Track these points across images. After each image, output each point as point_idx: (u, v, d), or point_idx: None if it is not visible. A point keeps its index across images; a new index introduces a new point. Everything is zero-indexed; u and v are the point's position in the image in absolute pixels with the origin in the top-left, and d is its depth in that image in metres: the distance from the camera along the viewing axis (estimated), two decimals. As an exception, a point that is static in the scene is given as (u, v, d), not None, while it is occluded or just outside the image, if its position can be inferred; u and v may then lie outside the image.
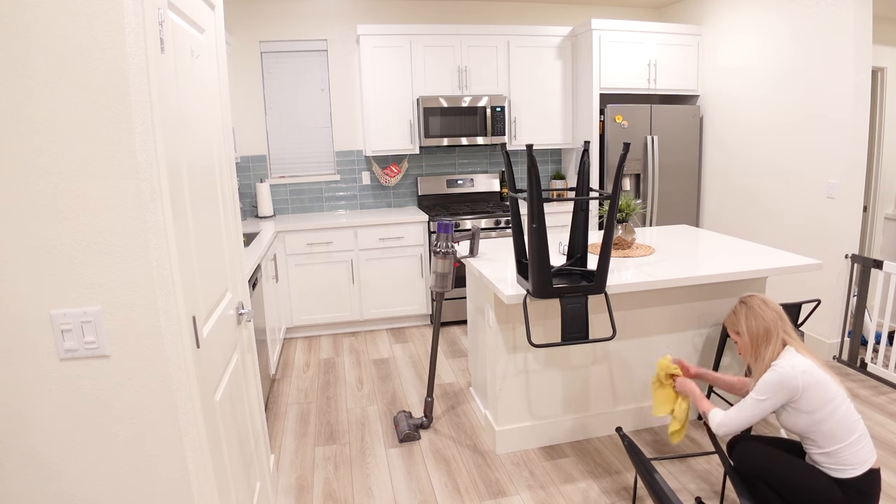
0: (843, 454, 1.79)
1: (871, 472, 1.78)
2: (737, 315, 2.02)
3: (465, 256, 2.97)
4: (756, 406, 1.87)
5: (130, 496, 1.29)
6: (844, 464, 1.78)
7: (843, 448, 1.78)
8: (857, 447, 1.78)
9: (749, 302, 2.01)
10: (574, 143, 4.84)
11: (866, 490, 1.77)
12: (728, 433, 1.92)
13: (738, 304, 2.04)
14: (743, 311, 2.00)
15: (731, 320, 2.05)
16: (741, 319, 2.00)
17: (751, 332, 1.96)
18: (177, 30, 1.42)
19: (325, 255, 4.27)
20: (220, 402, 1.60)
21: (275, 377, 3.68)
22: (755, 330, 1.95)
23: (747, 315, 1.98)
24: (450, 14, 4.78)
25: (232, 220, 1.94)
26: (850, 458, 1.78)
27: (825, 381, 1.81)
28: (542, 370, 2.73)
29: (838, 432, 1.79)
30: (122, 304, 1.19)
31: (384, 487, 2.50)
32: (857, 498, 1.77)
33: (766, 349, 1.92)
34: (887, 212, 4.37)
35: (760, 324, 1.94)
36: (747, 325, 1.97)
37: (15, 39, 1.06)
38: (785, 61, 3.83)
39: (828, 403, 1.79)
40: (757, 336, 1.94)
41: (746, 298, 2.03)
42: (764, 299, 1.99)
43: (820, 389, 1.80)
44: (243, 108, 4.55)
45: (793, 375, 1.80)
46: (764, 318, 1.94)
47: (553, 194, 4.97)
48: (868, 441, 1.82)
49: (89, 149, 1.13)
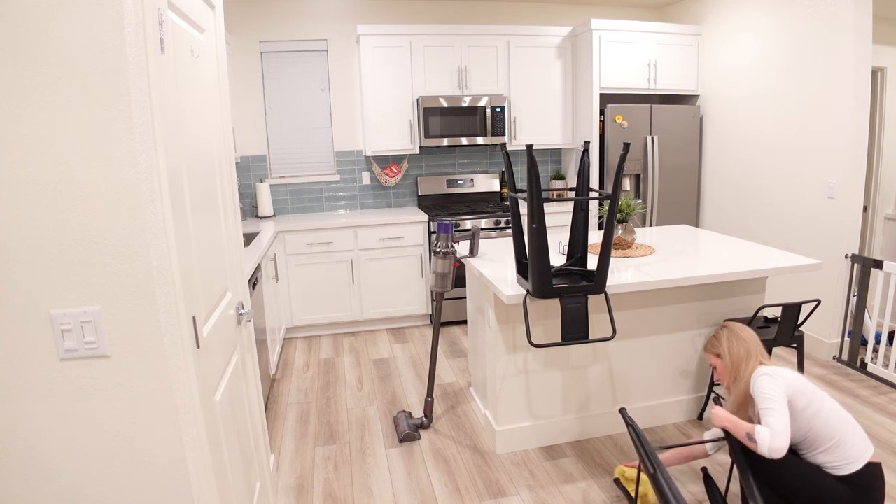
0: (840, 449, 1.81)
1: (870, 465, 1.80)
2: (718, 339, 2.12)
3: (465, 256, 2.97)
4: (778, 407, 1.81)
5: (130, 496, 1.29)
6: (844, 459, 1.80)
7: (839, 442, 1.81)
8: (852, 440, 1.81)
9: (731, 326, 2.12)
10: (574, 143, 4.84)
11: (869, 484, 1.79)
12: (782, 446, 1.76)
13: (720, 329, 2.15)
14: (725, 334, 2.11)
15: (713, 343, 2.14)
16: (723, 342, 2.09)
17: (732, 354, 2.05)
18: (177, 30, 1.42)
19: (325, 255, 4.27)
20: (220, 402, 1.60)
21: (275, 377, 3.68)
22: (737, 351, 2.04)
23: (729, 337, 2.08)
24: (450, 14, 4.78)
25: (232, 220, 1.94)
26: (847, 452, 1.80)
27: (801, 381, 1.89)
28: (542, 370, 2.73)
29: (832, 426, 1.82)
30: (122, 304, 1.19)
31: (384, 487, 2.50)
32: (861, 493, 1.78)
33: (745, 370, 2.01)
34: (887, 212, 4.37)
35: (742, 346, 2.04)
36: (729, 347, 2.07)
37: (15, 40, 1.06)
38: (785, 61, 3.83)
39: (812, 401, 1.85)
40: (738, 357, 2.03)
41: (728, 323, 2.15)
42: (742, 326, 2.11)
43: (800, 386, 1.87)
44: (243, 108, 4.55)
45: (778, 373, 1.90)
46: (745, 340, 2.05)
47: (553, 194, 4.97)
48: (862, 435, 1.84)
49: (89, 149, 1.13)
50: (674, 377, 2.92)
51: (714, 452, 2.22)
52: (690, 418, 2.98)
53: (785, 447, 1.75)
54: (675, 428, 2.90)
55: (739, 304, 2.90)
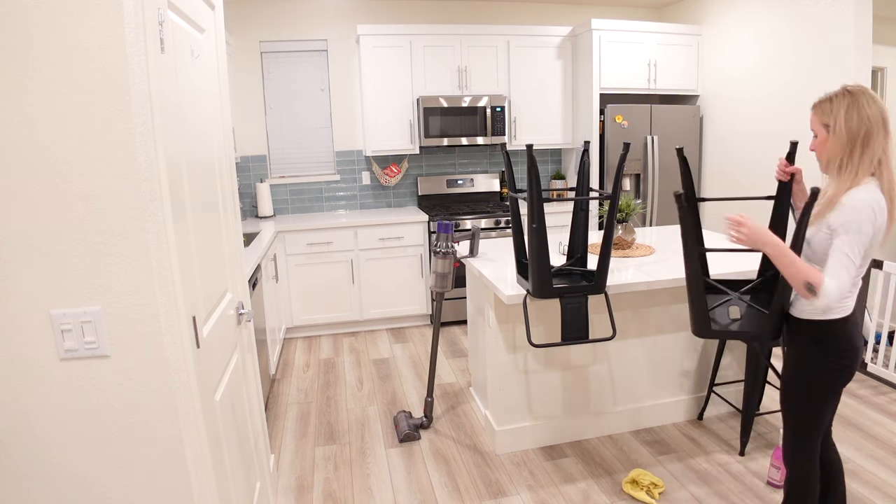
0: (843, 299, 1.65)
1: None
2: (834, 104, 1.59)
3: (465, 256, 2.97)
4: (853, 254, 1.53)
5: (130, 496, 1.29)
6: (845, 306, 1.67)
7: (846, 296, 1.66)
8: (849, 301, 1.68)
9: (854, 90, 1.57)
10: (574, 143, 4.84)
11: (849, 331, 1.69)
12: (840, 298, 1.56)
13: (840, 92, 1.59)
14: (845, 100, 1.57)
15: (823, 108, 1.61)
16: (839, 110, 1.57)
17: (850, 130, 1.55)
18: (177, 30, 1.42)
19: (325, 255, 4.27)
20: (220, 402, 1.60)
21: (275, 377, 3.68)
22: (856, 128, 1.54)
23: (850, 106, 1.55)
24: (450, 14, 4.78)
25: (232, 220, 1.94)
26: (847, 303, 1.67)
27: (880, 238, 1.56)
28: (542, 370, 2.73)
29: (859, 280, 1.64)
30: (122, 304, 1.19)
31: (384, 487, 2.50)
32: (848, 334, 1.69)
33: (858, 158, 1.54)
34: (887, 212, 4.36)
35: (864, 122, 1.52)
36: (846, 119, 1.55)
37: (15, 40, 1.06)
38: (785, 61, 3.83)
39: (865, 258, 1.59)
40: (856, 136, 1.54)
41: (852, 87, 1.59)
42: (874, 96, 1.56)
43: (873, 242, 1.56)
44: (243, 108, 4.54)
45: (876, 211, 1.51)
46: (869, 115, 1.53)
47: (553, 194, 4.97)
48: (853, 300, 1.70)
49: (89, 149, 1.13)
50: (674, 377, 2.92)
51: None
52: (690, 418, 2.98)
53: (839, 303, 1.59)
54: (675, 428, 2.90)
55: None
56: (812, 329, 1.73)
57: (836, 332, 1.69)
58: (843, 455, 2.59)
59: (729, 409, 3.03)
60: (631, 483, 2.41)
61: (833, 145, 1.60)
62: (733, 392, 3.00)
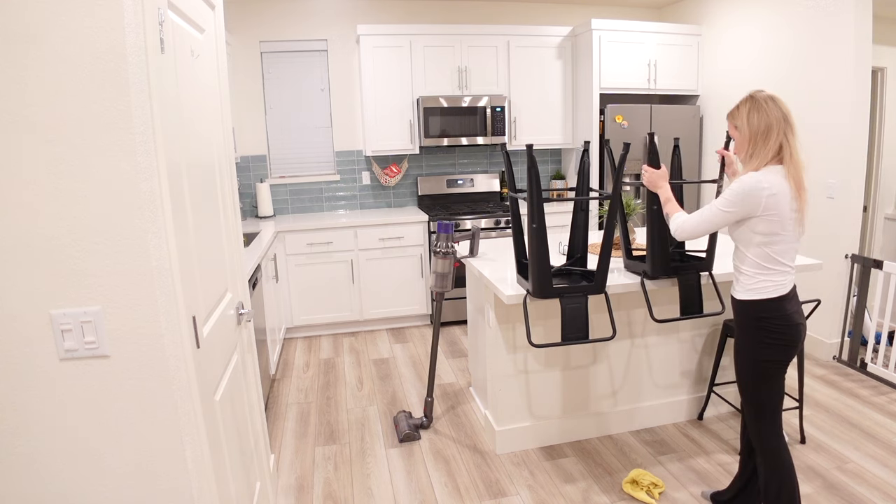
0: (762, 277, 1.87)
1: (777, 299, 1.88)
2: (739, 108, 1.89)
3: (465, 256, 2.97)
4: (716, 214, 1.89)
5: (130, 496, 1.29)
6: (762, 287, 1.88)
7: (764, 273, 1.87)
8: (773, 279, 1.87)
9: (756, 96, 1.85)
10: (574, 143, 4.84)
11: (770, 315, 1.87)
12: (685, 237, 2.00)
13: (745, 98, 1.89)
14: (747, 105, 1.86)
15: (733, 113, 1.91)
16: (743, 113, 1.86)
17: (751, 127, 1.83)
18: (177, 30, 1.42)
19: (325, 255, 4.27)
20: (220, 402, 1.60)
21: (275, 377, 3.68)
22: (756, 125, 1.82)
23: (751, 108, 1.84)
24: (450, 14, 4.78)
25: (232, 220, 1.94)
26: (765, 284, 1.87)
27: (783, 216, 1.80)
28: (542, 370, 2.73)
29: (773, 257, 1.86)
30: (122, 304, 1.19)
31: (384, 487, 2.50)
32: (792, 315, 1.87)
33: (761, 148, 1.82)
34: (887, 212, 4.37)
35: (763, 119, 1.81)
36: (748, 119, 1.84)
37: (14, 40, 1.06)
38: (785, 61, 3.83)
39: (775, 235, 1.83)
40: (756, 132, 1.82)
41: (754, 93, 1.87)
42: (772, 96, 1.84)
43: (775, 219, 1.81)
44: (243, 108, 4.54)
45: (758, 189, 1.78)
46: (768, 114, 1.81)
47: (553, 194, 4.97)
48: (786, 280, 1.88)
49: (89, 149, 1.13)
50: (674, 377, 2.92)
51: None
52: (690, 418, 2.98)
53: (681, 238, 2.02)
54: (675, 428, 2.90)
55: (739, 304, 2.90)
56: (744, 308, 1.93)
57: (768, 310, 1.88)
58: (843, 455, 2.59)
59: (729, 409, 3.03)
60: (631, 483, 2.41)
61: (740, 142, 1.90)
62: (733, 392, 3.00)
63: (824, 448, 2.66)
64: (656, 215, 2.29)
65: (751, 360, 1.93)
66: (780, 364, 1.90)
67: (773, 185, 1.79)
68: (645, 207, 2.40)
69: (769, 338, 1.88)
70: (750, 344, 1.92)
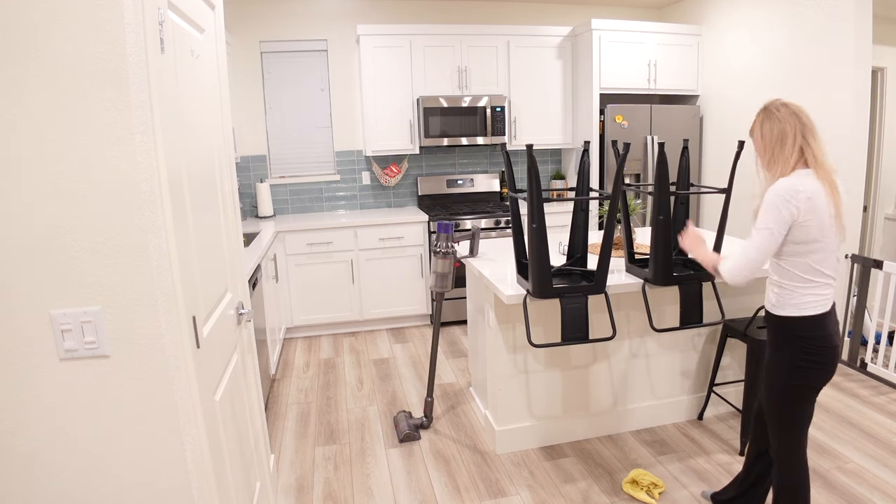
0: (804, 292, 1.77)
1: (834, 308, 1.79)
2: (754, 122, 1.89)
3: (465, 256, 2.97)
4: (763, 238, 1.75)
5: (130, 496, 1.29)
6: (820, 298, 1.77)
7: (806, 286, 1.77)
8: (816, 292, 1.77)
9: (768, 106, 1.85)
10: (574, 143, 4.84)
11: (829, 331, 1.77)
12: (743, 279, 1.83)
13: (759, 111, 1.89)
14: (760, 116, 1.86)
15: (751, 128, 1.92)
16: (757, 124, 1.86)
17: (765, 136, 1.82)
18: (177, 30, 1.42)
19: (325, 255, 4.27)
20: (220, 402, 1.60)
21: (275, 377, 3.68)
22: (769, 133, 1.81)
23: (763, 118, 1.84)
24: (450, 14, 4.78)
25: (232, 220, 1.94)
26: (808, 298, 1.77)
27: (822, 221, 1.72)
28: (542, 370, 2.73)
29: (828, 262, 1.77)
30: (122, 304, 1.19)
31: (384, 487, 2.50)
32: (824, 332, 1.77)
33: (780, 153, 1.78)
34: (887, 212, 4.37)
35: (776, 126, 1.79)
36: (762, 129, 1.83)
37: (15, 40, 1.06)
38: (785, 61, 3.83)
39: (815, 243, 1.74)
40: (771, 139, 1.80)
41: (767, 103, 1.87)
42: (785, 103, 1.82)
43: (814, 225, 1.72)
44: (243, 108, 4.55)
45: (794, 192, 1.70)
46: (780, 119, 1.79)
47: (553, 194, 4.97)
48: (828, 293, 1.78)
49: (89, 149, 1.13)
50: (674, 377, 2.92)
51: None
52: (690, 418, 2.98)
53: (743, 282, 1.84)
54: (675, 428, 2.90)
55: (739, 304, 2.90)
56: (783, 325, 1.82)
57: (810, 329, 1.78)
58: (843, 455, 2.59)
59: (729, 409, 3.03)
60: (631, 483, 2.41)
61: (760, 150, 1.88)
62: (733, 392, 3.00)
63: (824, 448, 2.66)
64: (661, 224, 2.29)
65: (783, 384, 1.82)
66: (814, 390, 1.81)
67: (808, 188, 1.71)
68: (646, 210, 2.40)
69: (807, 360, 1.77)
70: (785, 366, 1.81)
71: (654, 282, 2.40)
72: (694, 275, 2.44)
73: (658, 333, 2.83)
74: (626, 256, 2.59)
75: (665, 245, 2.33)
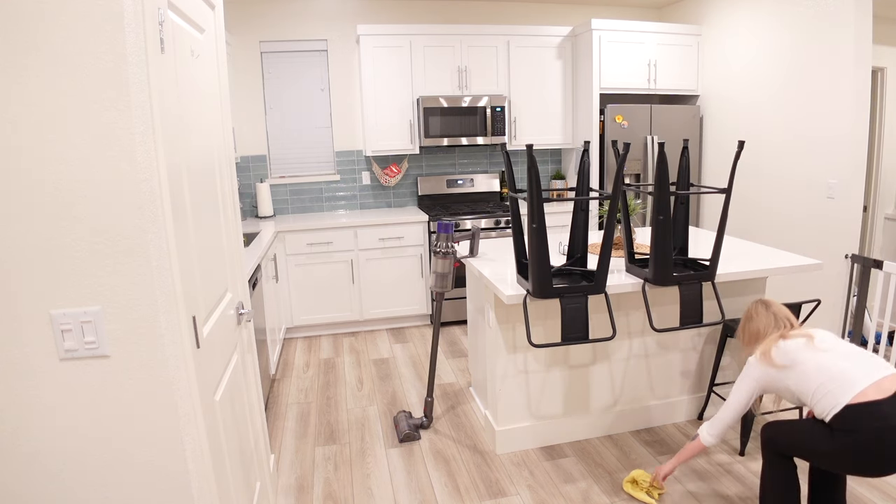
0: (823, 399, 1.83)
1: (849, 407, 1.74)
2: (742, 320, 2.22)
3: (465, 256, 2.97)
4: (735, 395, 2.06)
5: (130, 496, 1.29)
6: (826, 407, 1.81)
7: (816, 392, 1.85)
8: (830, 385, 1.82)
9: (749, 308, 2.19)
10: (574, 143, 4.84)
11: (852, 427, 1.73)
12: (719, 434, 2.11)
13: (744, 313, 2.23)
14: (743, 317, 2.20)
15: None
16: (741, 324, 2.21)
17: (744, 335, 2.18)
18: (177, 30, 1.42)
19: (325, 255, 4.27)
20: (220, 402, 1.60)
21: (275, 377, 3.68)
22: (747, 333, 2.16)
23: (745, 320, 2.19)
24: (450, 14, 4.78)
25: (232, 220, 1.94)
26: (826, 400, 1.82)
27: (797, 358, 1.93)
28: (542, 370, 2.73)
29: (807, 384, 1.89)
30: (122, 304, 1.19)
31: (384, 487, 2.50)
32: (843, 438, 1.75)
33: (755, 349, 2.09)
34: (887, 212, 4.37)
35: (753, 327, 2.14)
36: (742, 329, 2.19)
37: (14, 40, 1.06)
38: (785, 61, 3.83)
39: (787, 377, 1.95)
40: (749, 338, 2.16)
41: (751, 304, 2.20)
42: (766, 302, 2.16)
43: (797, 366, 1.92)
44: (243, 108, 4.55)
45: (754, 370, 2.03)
46: (757, 322, 2.13)
47: (553, 194, 4.97)
48: (845, 380, 1.79)
49: (89, 149, 1.13)
50: (674, 377, 2.92)
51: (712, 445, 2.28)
52: (690, 418, 2.98)
53: (715, 440, 2.12)
54: (675, 428, 2.90)
55: (739, 304, 2.90)
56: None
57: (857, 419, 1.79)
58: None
59: (729, 409, 3.02)
60: (631, 483, 2.41)
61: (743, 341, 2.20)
62: (733, 392, 3.00)
63: (824, 448, 2.66)
64: (661, 224, 2.30)
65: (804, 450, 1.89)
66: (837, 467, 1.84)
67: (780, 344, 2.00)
68: (646, 210, 2.40)
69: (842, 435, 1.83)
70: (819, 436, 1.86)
71: (653, 282, 2.40)
72: (694, 275, 2.43)
73: (658, 333, 2.83)
74: (626, 256, 2.59)
75: (665, 245, 2.33)
